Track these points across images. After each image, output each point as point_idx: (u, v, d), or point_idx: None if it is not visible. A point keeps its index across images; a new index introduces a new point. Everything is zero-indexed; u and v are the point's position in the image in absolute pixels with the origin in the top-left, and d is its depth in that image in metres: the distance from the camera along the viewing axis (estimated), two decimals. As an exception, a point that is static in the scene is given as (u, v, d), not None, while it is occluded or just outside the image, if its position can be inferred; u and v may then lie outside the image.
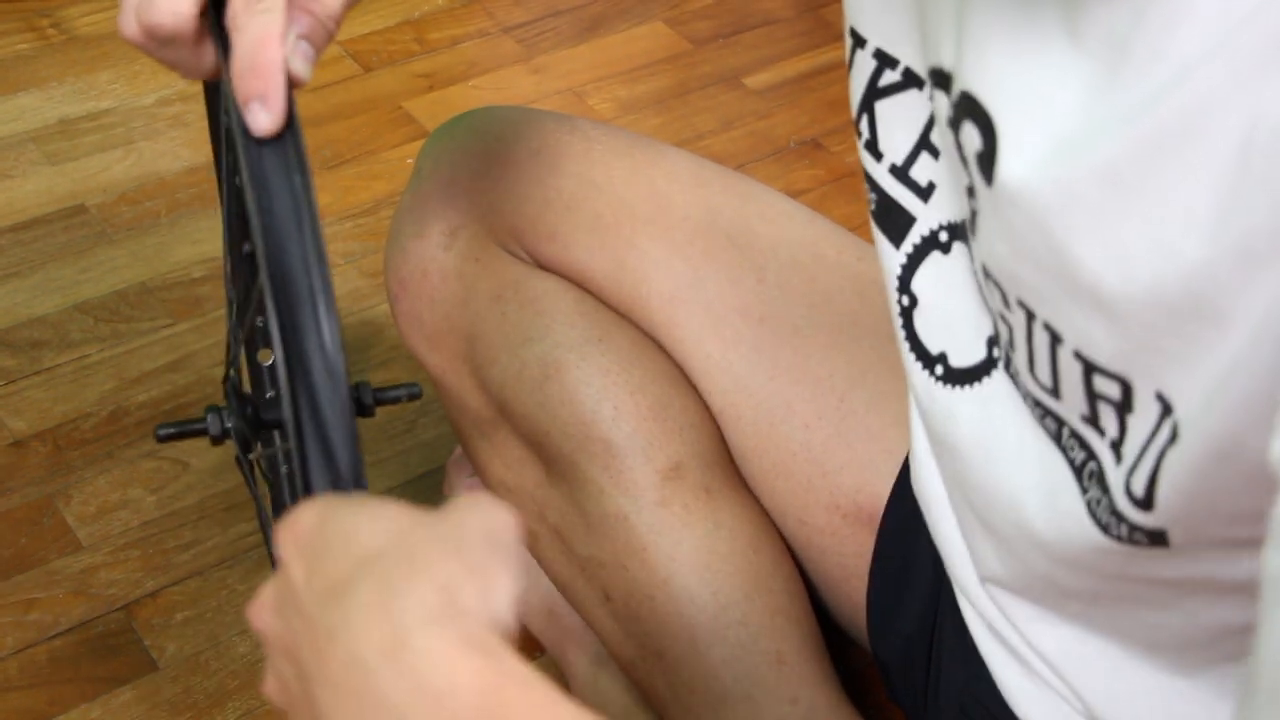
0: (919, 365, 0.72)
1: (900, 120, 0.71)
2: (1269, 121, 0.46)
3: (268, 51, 0.60)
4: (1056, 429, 0.62)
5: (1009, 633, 0.73)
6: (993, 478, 0.67)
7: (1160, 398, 0.54)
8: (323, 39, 0.63)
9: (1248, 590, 0.58)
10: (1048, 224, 0.54)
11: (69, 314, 1.30)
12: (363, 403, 0.78)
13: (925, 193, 0.71)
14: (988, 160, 0.57)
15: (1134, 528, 0.57)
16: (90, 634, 1.08)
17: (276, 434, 0.86)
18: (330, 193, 1.45)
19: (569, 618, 1.04)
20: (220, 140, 0.96)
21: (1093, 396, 0.57)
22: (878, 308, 0.91)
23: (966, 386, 0.69)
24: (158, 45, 0.65)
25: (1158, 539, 0.56)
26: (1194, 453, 0.52)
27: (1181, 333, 0.51)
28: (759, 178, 0.99)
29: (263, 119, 0.60)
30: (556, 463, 0.90)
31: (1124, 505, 0.57)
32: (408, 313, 0.94)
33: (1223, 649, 0.64)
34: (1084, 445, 0.60)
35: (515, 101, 1.56)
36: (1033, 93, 0.55)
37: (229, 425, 0.91)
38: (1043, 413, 0.62)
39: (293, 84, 0.61)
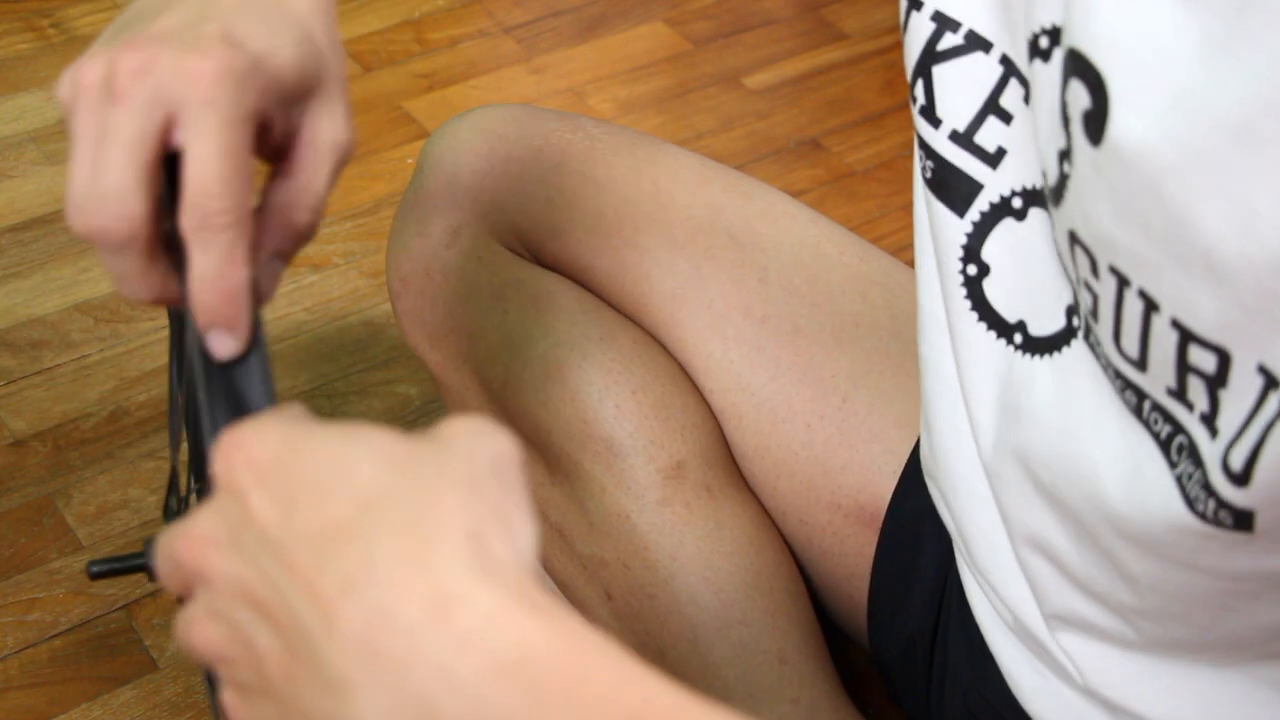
0: (993, 334, 0.70)
1: (961, 85, 0.69)
2: None
3: (230, 277, 0.54)
4: (1137, 402, 0.60)
5: (1033, 614, 0.72)
6: (1069, 449, 0.65)
7: (1264, 370, 0.53)
8: (295, 250, 0.59)
9: None
10: (1164, 183, 0.53)
11: (69, 314, 1.30)
12: None
13: (994, 159, 0.69)
14: (1097, 119, 0.56)
15: (1221, 504, 0.56)
16: (91, 634, 1.08)
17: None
18: (331, 194, 1.45)
19: (570, 617, 1.04)
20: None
21: (1184, 369, 0.56)
22: (880, 308, 0.91)
23: (1045, 356, 0.67)
24: (105, 253, 0.56)
25: (1243, 521, 0.55)
26: None
27: None
28: (758, 178, 0.99)
29: (227, 343, 0.55)
30: (558, 461, 0.90)
31: (1218, 480, 0.56)
32: (410, 311, 0.94)
33: (1271, 648, 0.64)
34: (1169, 419, 0.59)
35: (515, 101, 1.56)
36: (1147, 46, 0.54)
37: None
38: (1123, 385, 0.61)
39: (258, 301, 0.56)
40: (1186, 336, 0.55)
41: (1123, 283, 0.57)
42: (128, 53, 0.54)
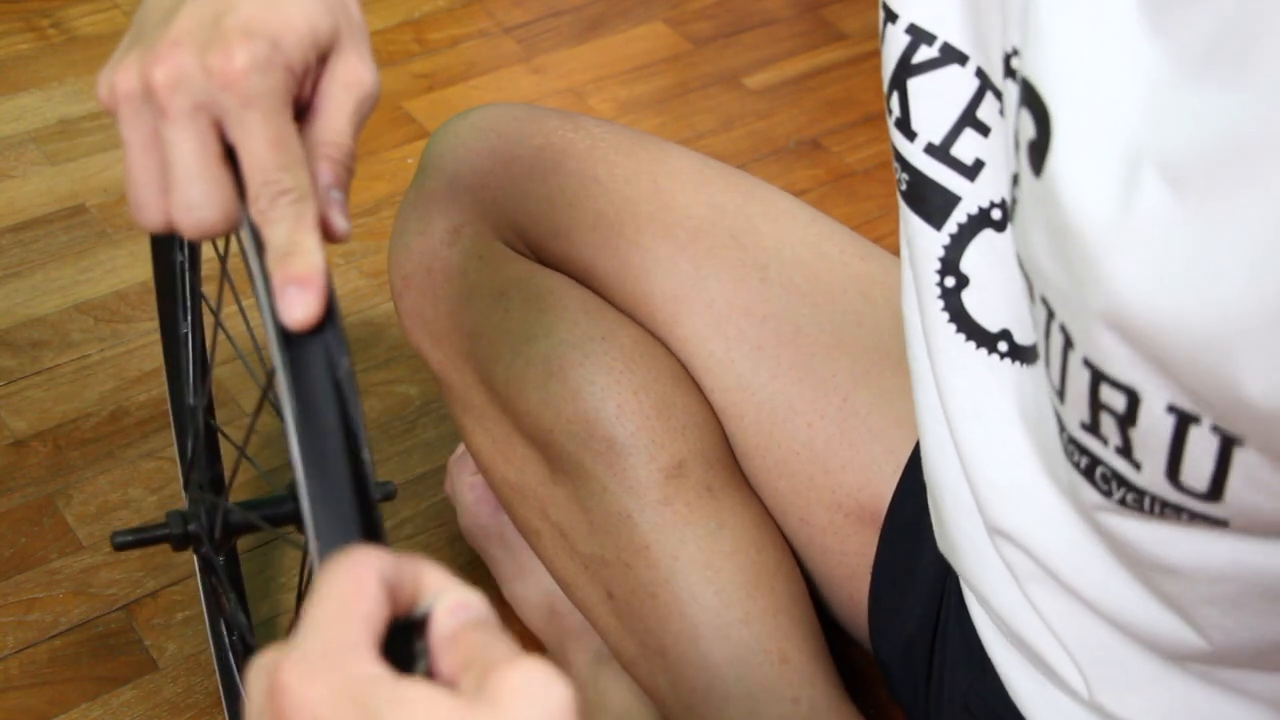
0: (971, 344, 0.71)
1: (937, 97, 0.69)
2: None
3: (303, 242, 0.56)
4: (1058, 431, 0.61)
5: (1032, 625, 0.72)
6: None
7: (1174, 409, 0.53)
8: (347, 181, 0.60)
9: None
10: (1088, 225, 0.53)
11: (69, 314, 1.30)
12: None
13: (971, 171, 0.69)
14: (1039, 150, 0.56)
15: (1195, 516, 0.57)
16: (91, 634, 1.08)
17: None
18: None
19: (570, 616, 1.04)
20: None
21: (1097, 405, 0.57)
22: (881, 307, 0.91)
23: (1031, 365, 0.68)
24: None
25: (1218, 524, 0.56)
26: (1263, 455, 0.51)
27: (1201, 369, 0.50)
28: (759, 178, 0.99)
29: (299, 303, 0.54)
30: (560, 461, 0.90)
31: (1178, 499, 0.56)
32: (411, 310, 0.94)
33: (1262, 662, 0.64)
34: (1085, 451, 0.60)
35: (516, 101, 1.56)
36: (1095, 87, 0.54)
37: (191, 528, 0.90)
38: (1054, 410, 0.62)
39: (336, 239, 0.58)
40: (1098, 376, 0.55)
41: (1049, 314, 0.58)
42: (156, 65, 0.57)
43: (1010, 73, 0.61)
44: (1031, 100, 0.56)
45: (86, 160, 1.45)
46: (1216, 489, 0.54)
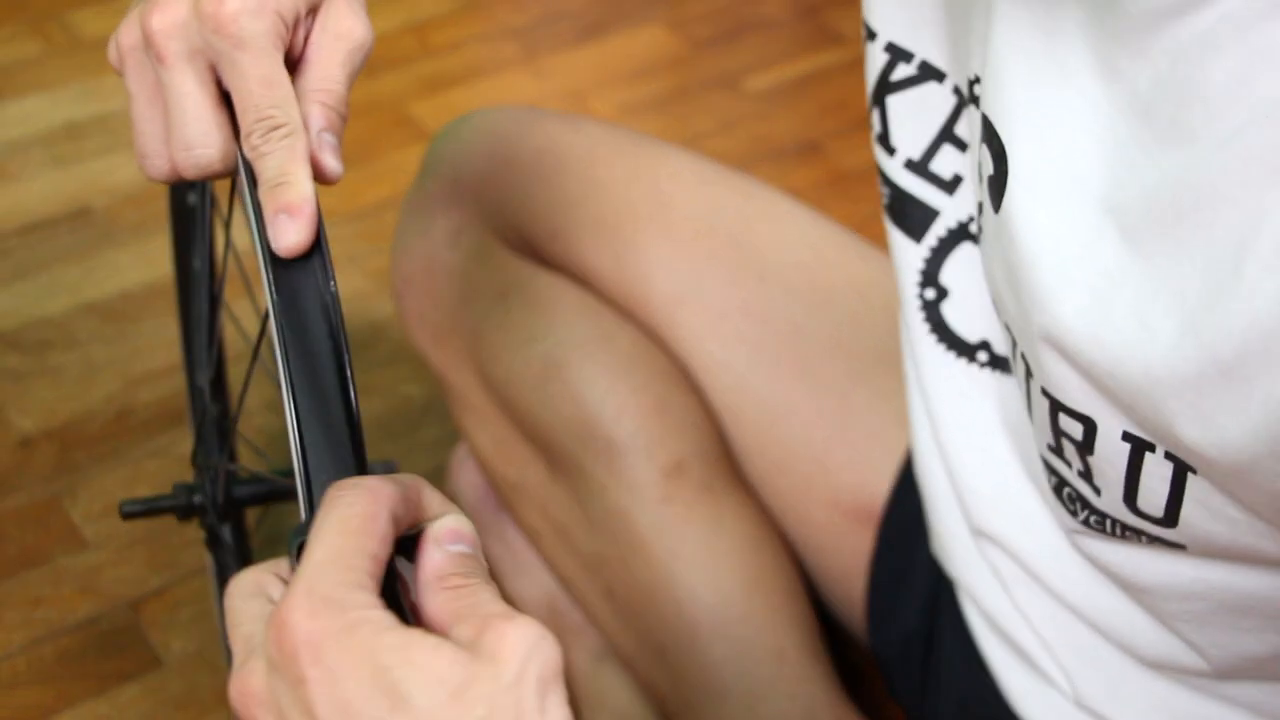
0: (952, 354, 0.72)
1: (916, 114, 0.70)
2: (1273, 228, 0.45)
3: (295, 169, 0.57)
4: (1031, 450, 0.62)
5: (1019, 628, 0.73)
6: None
7: (1130, 437, 0.54)
8: (340, 126, 0.61)
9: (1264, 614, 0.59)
10: (1036, 263, 0.54)
11: (75, 314, 1.31)
12: None
13: (950, 185, 0.70)
14: (998, 187, 0.57)
15: (1153, 539, 0.58)
16: (97, 631, 1.09)
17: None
18: (333, 195, 1.46)
19: (571, 614, 1.04)
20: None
21: (1058, 432, 0.58)
22: (878, 308, 0.91)
23: (1009, 374, 0.69)
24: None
25: (1178, 547, 0.57)
26: (1213, 483, 0.52)
27: (1140, 409, 0.51)
28: (757, 179, 1.00)
29: (289, 230, 0.56)
30: (560, 460, 0.90)
31: (1136, 523, 0.57)
32: (412, 311, 0.95)
33: (1247, 673, 0.65)
34: (1053, 471, 0.61)
35: (517, 104, 1.57)
36: (1050, 130, 0.55)
37: (197, 500, 0.92)
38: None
39: (328, 180, 0.60)
40: (1056, 405, 0.56)
41: (1013, 341, 0.59)
42: (154, 14, 0.59)
43: (974, 99, 0.62)
44: (990, 137, 0.57)
45: (92, 163, 1.46)
46: (1171, 515, 0.55)
